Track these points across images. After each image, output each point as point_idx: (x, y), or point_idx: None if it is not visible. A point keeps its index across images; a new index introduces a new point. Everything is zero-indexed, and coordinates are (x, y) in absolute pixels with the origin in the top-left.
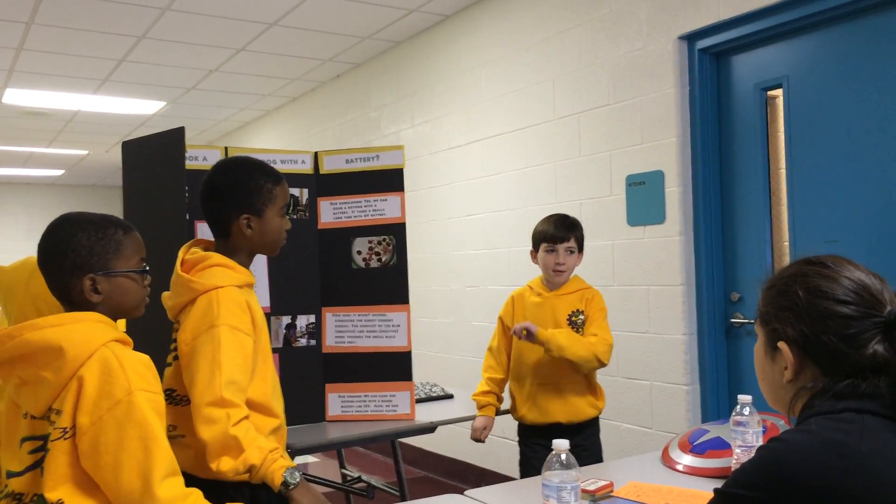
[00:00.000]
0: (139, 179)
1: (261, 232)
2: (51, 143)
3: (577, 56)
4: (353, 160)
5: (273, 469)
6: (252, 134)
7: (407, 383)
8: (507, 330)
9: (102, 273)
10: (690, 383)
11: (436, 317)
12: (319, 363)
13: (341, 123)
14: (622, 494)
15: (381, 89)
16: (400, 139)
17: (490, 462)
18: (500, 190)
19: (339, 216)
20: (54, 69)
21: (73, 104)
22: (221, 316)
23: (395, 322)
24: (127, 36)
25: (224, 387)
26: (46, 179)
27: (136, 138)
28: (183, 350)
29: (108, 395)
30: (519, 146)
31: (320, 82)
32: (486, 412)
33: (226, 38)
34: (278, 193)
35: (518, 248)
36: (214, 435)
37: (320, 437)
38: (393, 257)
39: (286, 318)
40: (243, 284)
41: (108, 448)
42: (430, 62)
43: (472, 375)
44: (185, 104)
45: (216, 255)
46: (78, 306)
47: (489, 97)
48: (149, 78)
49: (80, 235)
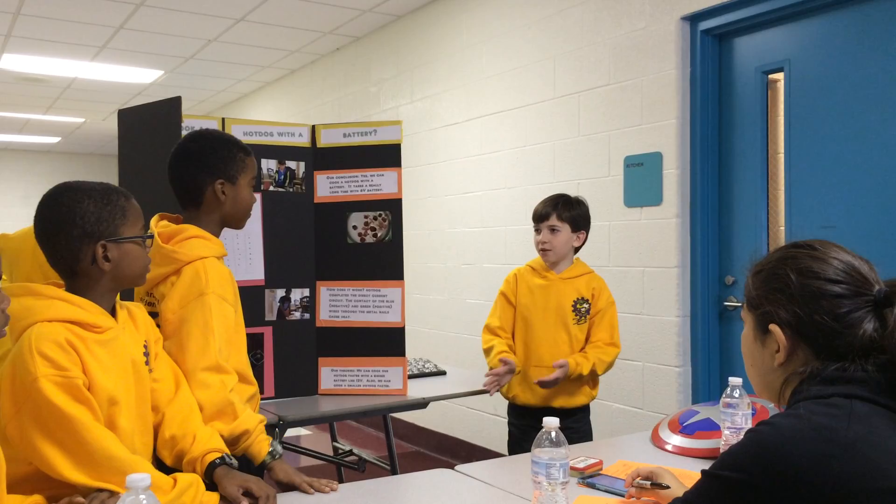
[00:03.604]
0: (134, 148)
1: (233, 200)
2: (47, 109)
3: (579, 34)
4: (351, 134)
5: (261, 439)
6: (250, 106)
7: (400, 359)
8: (510, 306)
9: (112, 240)
10: (682, 364)
11: (430, 293)
12: (313, 337)
13: (340, 97)
14: (611, 472)
15: (380, 64)
16: (399, 114)
17: (480, 438)
18: (497, 168)
19: (335, 190)
20: (52, 35)
21: (70, 71)
22: (210, 285)
23: (389, 298)
24: (126, 3)
25: (218, 353)
26: (43, 146)
27: (133, 107)
28: (168, 318)
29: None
30: (518, 124)
31: (320, 55)
32: (508, 355)
33: (225, 7)
34: (249, 164)
35: (514, 227)
36: (211, 398)
37: (313, 410)
38: (388, 233)
39: (280, 290)
40: (220, 256)
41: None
42: (430, 37)
43: (465, 352)
44: (183, 74)
45: (192, 226)
46: (82, 276)
47: (489, 74)
48: (147, 46)
49: (87, 203)
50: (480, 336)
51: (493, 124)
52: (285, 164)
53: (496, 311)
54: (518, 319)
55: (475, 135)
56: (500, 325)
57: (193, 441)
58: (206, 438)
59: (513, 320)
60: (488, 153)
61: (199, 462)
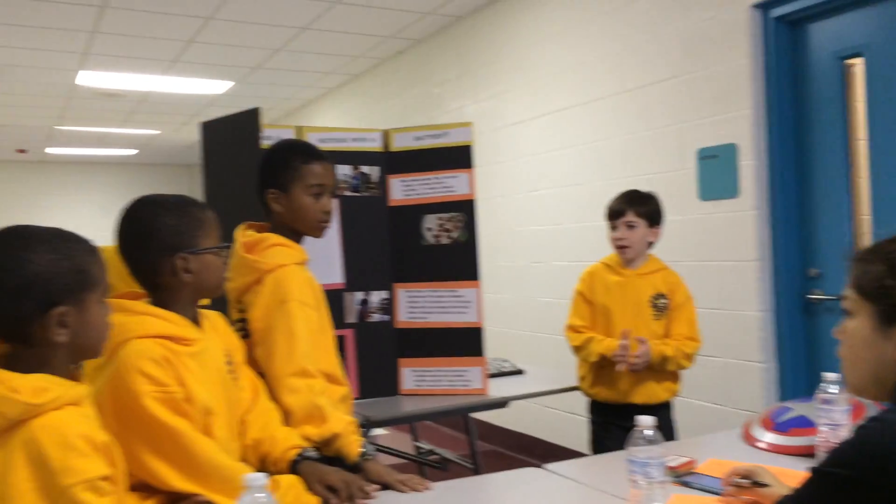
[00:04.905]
0: (218, 159)
1: (289, 208)
2: (124, 123)
3: (646, 27)
4: (423, 137)
5: (352, 440)
6: (315, 112)
7: (479, 358)
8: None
9: (190, 251)
10: (766, 360)
11: (500, 292)
12: (393, 338)
13: (403, 100)
14: (704, 471)
15: (443, 65)
16: (463, 115)
17: (558, 437)
18: (565, 165)
19: (409, 193)
20: (127, 51)
21: (145, 85)
22: (291, 292)
23: (466, 298)
24: (196, 17)
25: (302, 358)
26: (120, 158)
27: (214, 119)
28: (256, 327)
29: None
30: (586, 120)
31: (382, 59)
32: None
33: (290, 16)
34: (307, 171)
35: (585, 224)
36: (299, 403)
37: (396, 410)
38: (463, 233)
39: (360, 293)
40: (301, 262)
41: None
42: (493, 37)
43: (538, 351)
44: (251, 83)
45: (273, 235)
46: (164, 288)
47: (555, 71)
48: (217, 58)
49: (165, 215)
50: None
51: (560, 121)
52: (359, 169)
53: (576, 310)
54: (598, 317)
55: (542, 132)
56: (584, 324)
57: (274, 442)
58: (285, 437)
59: (592, 317)
60: (556, 150)
61: (282, 460)
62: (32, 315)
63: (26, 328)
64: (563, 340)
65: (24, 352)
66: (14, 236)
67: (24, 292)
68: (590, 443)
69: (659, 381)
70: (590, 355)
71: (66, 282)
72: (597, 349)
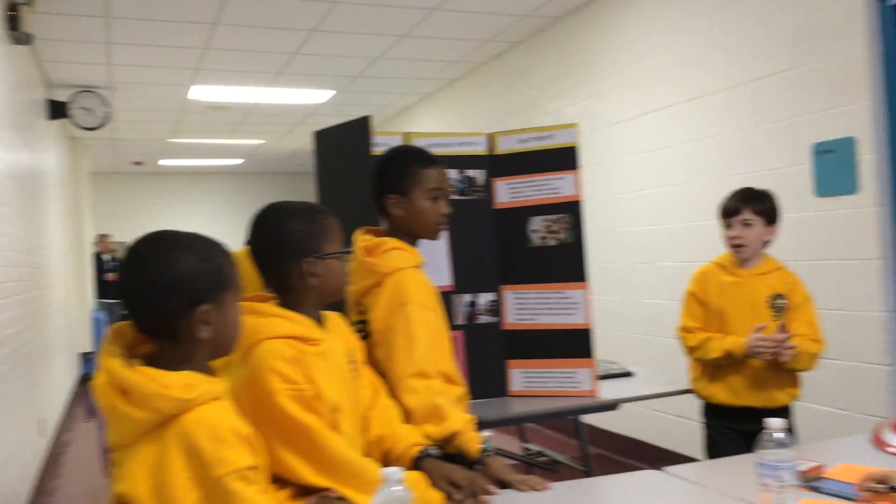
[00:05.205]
0: (329, 166)
1: (409, 213)
2: (231, 134)
3: (754, 20)
4: (527, 140)
5: (471, 437)
6: (412, 118)
7: (588, 360)
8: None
9: (316, 256)
10: (893, 363)
11: (604, 294)
12: (501, 339)
13: (501, 103)
14: (834, 476)
15: (541, 66)
16: (562, 116)
17: (667, 441)
18: (670, 164)
19: (514, 196)
20: (235, 65)
21: (251, 97)
22: (410, 295)
23: (574, 299)
24: (300, 30)
25: (421, 359)
26: (227, 168)
27: (326, 128)
28: (377, 328)
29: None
30: (690, 117)
31: (479, 63)
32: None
33: (390, 25)
34: (426, 176)
35: (691, 224)
36: (419, 403)
37: (506, 411)
38: (570, 235)
39: (467, 295)
40: (418, 265)
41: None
42: (591, 36)
43: (645, 353)
44: (351, 92)
45: (391, 239)
46: (292, 291)
47: (657, 68)
48: (319, 69)
49: (293, 222)
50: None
51: (664, 119)
52: (465, 172)
53: (689, 312)
54: (711, 318)
55: (644, 131)
56: (697, 325)
57: (397, 438)
58: (408, 434)
59: (705, 317)
60: (659, 149)
61: (405, 456)
62: (179, 312)
63: (174, 324)
64: (672, 342)
65: (170, 348)
66: (162, 240)
67: (173, 291)
68: (704, 447)
69: (780, 384)
70: (710, 352)
71: (208, 282)
72: (720, 346)
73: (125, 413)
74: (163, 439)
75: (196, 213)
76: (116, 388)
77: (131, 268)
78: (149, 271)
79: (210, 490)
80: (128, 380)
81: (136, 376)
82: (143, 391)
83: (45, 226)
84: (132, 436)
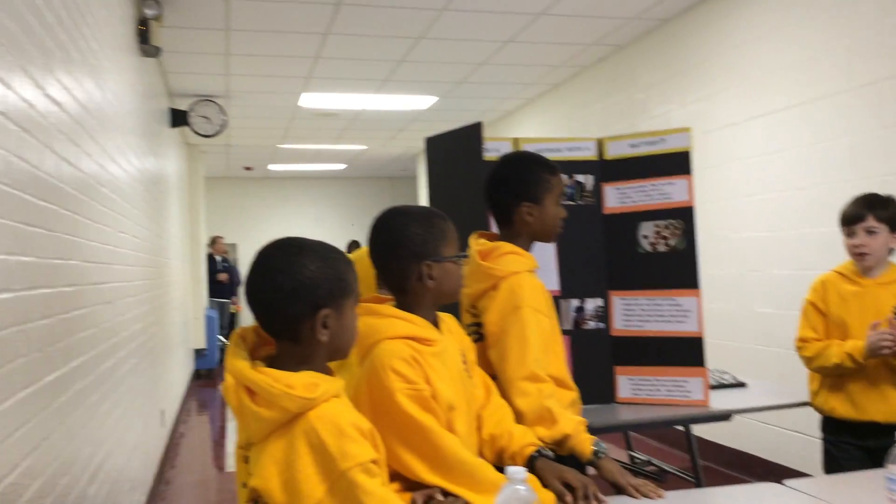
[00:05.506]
0: (440, 171)
1: (540, 219)
2: (337, 140)
3: (880, 16)
4: (638, 145)
5: (583, 439)
6: (513, 123)
7: (700, 369)
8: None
9: (434, 259)
10: None
11: (713, 302)
12: (608, 346)
13: (605, 107)
14: None
15: (647, 69)
16: (669, 119)
17: (779, 456)
18: (784, 168)
19: (624, 201)
20: (344, 73)
21: (357, 104)
22: (525, 298)
23: (685, 307)
24: (407, 38)
25: (534, 363)
26: (331, 173)
27: (437, 134)
28: (491, 331)
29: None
30: (807, 120)
31: (583, 67)
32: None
33: (495, 31)
34: (555, 183)
35: (807, 231)
36: (530, 406)
37: (612, 418)
38: (681, 241)
39: (575, 301)
40: (532, 269)
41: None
42: (702, 37)
43: (756, 364)
44: (453, 97)
45: (506, 243)
46: (409, 293)
47: (771, 69)
48: (424, 75)
49: (413, 226)
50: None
51: (778, 122)
52: (574, 177)
53: (808, 322)
54: (832, 329)
55: (757, 134)
56: (816, 336)
57: (511, 438)
58: (522, 434)
59: (826, 328)
60: (773, 153)
61: (519, 455)
62: (302, 315)
63: (296, 326)
64: (784, 353)
65: (291, 349)
66: (291, 245)
67: (297, 294)
68: (822, 463)
69: None
70: (830, 358)
71: (330, 288)
72: (839, 350)
73: (254, 412)
74: (290, 436)
75: (301, 216)
76: (244, 389)
77: (260, 271)
78: (276, 275)
79: (336, 483)
80: (254, 381)
81: (261, 378)
82: (269, 391)
83: (167, 228)
84: (262, 433)
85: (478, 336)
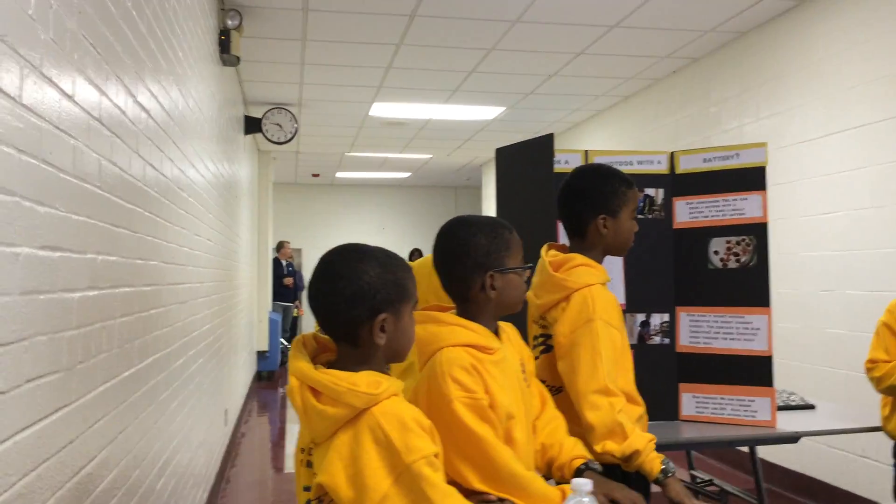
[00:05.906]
0: (510, 182)
1: (615, 232)
2: (403, 149)
3: None
4: (711, 159)
5: (652, 457)
6: (582, 134)
7: (767, 389)
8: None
9: (498, 270)
10: None
11: (782, 321)
12: (673, 362)
13: (676, 120)
14: None
15: (722, 83)
16: (742, 134)
17: (845, 482)
18: (862, 185)
19: (695, 216)
20: (414, 84)
21: (426, 114)
22: (597, 311)
23: (754, 325)
24: (479, 49)
25: (605, 376)
26: (395, 181)
27: (508, 145)
28: (561, 342)
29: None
30: (889, 137)
31: (654, 79)
32: None
33: (567, 43)
34: (631, 197)
35: (883, 251)
36: (601, 419)
37: (675, 436)
38: (753, 258)
39: (640, 315)
40: (605, 282)
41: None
42: (779, 51)
43: (826, 386)
44: (521, 108)
45: (578, 255)
46: (472, 302)
47: (852, 84)
48: (493, 86)
49: (479, 237)
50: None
51: (857, 138)
52: (644, 191)
53: (880, 343)
54: None
55: (835, 151)
56: (888, 359)
57: (561, 449)
58: (572, 446)
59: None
60: (851, 170)
61: (567, 467)
62: (362, 319)
63: (356, 330)
64: (855, 376)
65: (350, 352)
66: (352, 252)
67: (357, 299)
68: (893, 491)
69: None
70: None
71: (388, 293)
72: None
73: (320, 411)
74: (355, 432)
75: (365, 223)
76: (308, 389)
77: (323, 275)
78: (338, 280)
79: (401, 475)
80: (319, 381)
81: (326, 377)
82: (334, 389)
83: (237, 232)
84: (327, 432)
85: (545, 347)
